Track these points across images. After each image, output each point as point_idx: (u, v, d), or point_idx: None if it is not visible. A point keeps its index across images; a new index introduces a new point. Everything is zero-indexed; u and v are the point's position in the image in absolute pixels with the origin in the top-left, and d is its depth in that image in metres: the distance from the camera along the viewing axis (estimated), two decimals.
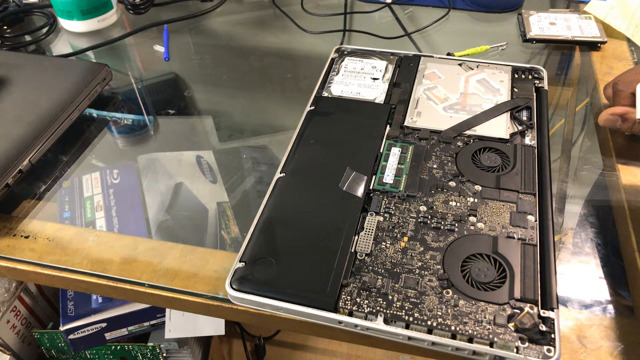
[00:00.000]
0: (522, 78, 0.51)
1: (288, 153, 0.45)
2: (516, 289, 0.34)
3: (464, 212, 0.39)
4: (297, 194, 0.41)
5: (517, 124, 0.47)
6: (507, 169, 0.43)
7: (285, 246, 0.38)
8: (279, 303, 0.35)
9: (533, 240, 0.37)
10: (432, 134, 0.46)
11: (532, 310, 0.33)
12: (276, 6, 0.72)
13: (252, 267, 0.37)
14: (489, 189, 0.41)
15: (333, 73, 0.53)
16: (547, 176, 0.42)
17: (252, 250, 0.38)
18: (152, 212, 0.46)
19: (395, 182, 0.42)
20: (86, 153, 0.52)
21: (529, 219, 0.39)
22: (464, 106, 0.48)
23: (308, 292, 0.35)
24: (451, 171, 0.43)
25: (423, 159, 0.44)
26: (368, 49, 0.56)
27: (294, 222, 0.39)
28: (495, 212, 0.39)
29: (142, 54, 0.66)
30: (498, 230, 0.38)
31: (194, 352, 0.81)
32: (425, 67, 0.54)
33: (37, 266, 0.42)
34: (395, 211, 0.40)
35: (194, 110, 0.57)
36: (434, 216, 0.39)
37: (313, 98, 0.51)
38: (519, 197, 0.40)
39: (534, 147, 0.44)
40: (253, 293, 0.35)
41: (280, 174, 0.43)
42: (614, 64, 0.58)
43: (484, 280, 0.35)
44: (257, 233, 0.39)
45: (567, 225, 0.43)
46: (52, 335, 0.78)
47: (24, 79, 0.54)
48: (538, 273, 0.35)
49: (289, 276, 0.36)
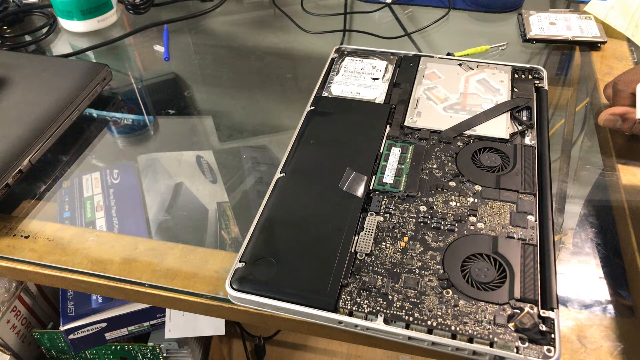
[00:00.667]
0: (522, 78, 0.51)
1: (288, 153, 0.45)
2: (516, 289, 0.34)
3: (464, 212, 0.39)
4: (297, 194, 0.41)
5: (517, 124, 0.47)
6: (507, 169, 0.43)
7: (285, 246, 0.38)
8: (279, 303, 0.35)
9: (533, 240, 0.37)
10: (432, 134, 0.46)
11: (532, 310, 0.33)
12: (276, 6, 0.72)
13: (252, 267, 0.37)
14: (489, 189, 0.41)
15: (333, 73, 0.53)
16: (547, 176, 0.42)
17: (252, 250, 0.38)
18: (152, 212, 0.46)
19: (395, 182, 0.42)
20: (86, 153, 0.52)
21: (529, 219, 0.39)
22: (464, 106, 0.48)
23: (308, 292, 0.35)
24: (451, 171, 0.43)
25: (423, 159, 0.44)
26: (368, 49, 0.56)
27: (294, 222, 0.39)
28: (495, 212, 0.39)
29: (142, 54, 0.66)
30: (498, 230, 0.38)
31: (194, 352, 0.81)
32: (425, 67, 0.54)
33: (37, 266, 0.42)
34: (395, 211, 0.40)
35: (194, 110, 0.57)
36: (434, 216, 0.39)
37: (313, 98, 0.51)
38: (519, 197, 0.40)
39: (534, 147, 0.44)
40: (253, 293, 0.35)
41: (280, 174, 0.43)
42: (614, 64, 0.58)
43: (484, 280, 0.35)
44: (257, 233, 0.39)
45: (567, 225, 0.43)
46: (52, 335, 0.78)
47: (24, 79, 0.54)
48: (538, 273, 0.35)
49: (289, 276, 0.36)
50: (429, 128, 0.47)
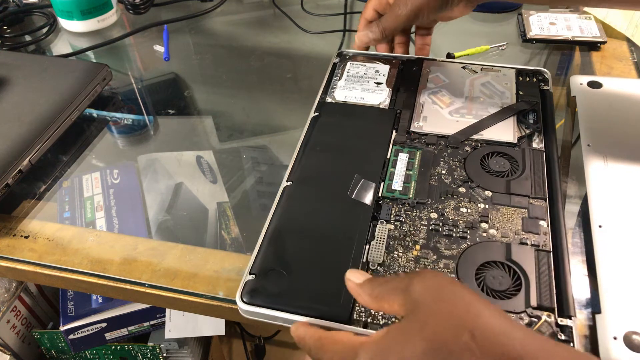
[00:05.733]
0: (527, 81, 0.51)
1: (294, 161, 0.44)
2: (532, 296, 0.34)
3: (476, 219, 0.39)
4: (304, 203, 0.40)
5: (524, 127, 0.46)
6: (517, 173, 0.42)
7: (295, 257, 0.37)
8: (291, 316, 0.34)
9: (547, 246, 0.36)
10: (439, 139, 0.45)
11: (549, 318, 0.33)
12: (276, 6, 0.72)
13: (263, 280, 0.35)
14: (500, 195, 0.40)
15: (336, 78, 0.52)
16: (556, 180, 0.41)
17: (262, 262, 0.36)
18: (152, 212, 0.46)
19: (404, 189, 0.41)
20: (86, 153, 0.52)
21: (541, 225, 0.38)
22: (470, 110, 0.48)
23: (321, 303, 0.34)
24: (460, 177, 0.42)
25: (431, 164, 0.43)
26: (370, 53, 0.55)
27: (303, 232, 0.38)
28: (507, 218, 0.39)
29: (142, 54, 0.66)
30: (511, 236, 0.37)
31: (194, 352, 0.81)
32: (429, 70, 0.53)
33: (37, 266, 0.42)
34: (405, 219, 0.39)
35: (194, 110, 0.57)
36: (445, 223, 0.39)
37: (317, 104, 0.50)
38: (530, 202, 0.39)
39: (542, 151, 0.43)
40: (265, 306, 0.34)
41: (286, 182, 0.42)
42: (614, 64, 0.58)
43: (499, 289, 0.34)
44: (265, 244, 0.38)
45: (567, 225, 0.43)
46: (52, 335, 0.78)
47: (24, 79, 0.54)
48: (553, 280, 0.35)
49: (301, 288, 0.35)
50: (435, 133, 0.46)
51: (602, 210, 0.39)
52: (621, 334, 0.32)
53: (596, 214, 0.39)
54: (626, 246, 0.37)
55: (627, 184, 0.41)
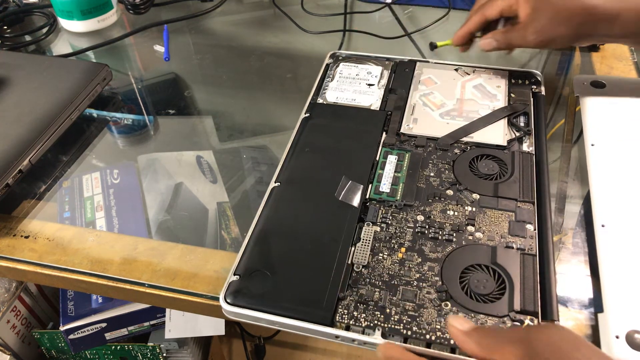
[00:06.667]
0: (519, 83, 0.51)
1: (282, 162, 0.44)
2: (516, 300, 0.34)
3: (462, 222, 0.39)
4: (292, 204, 0.41)
5: (514, 130, 0.46)
6: (505, 176, 0.42)
7: (280, 258, 0.37)
8: (274, 317, 0.34)
9: (532, 250, 0.37)
10: (429, 141, 0.45)
11: (532, 322, 0.33)
12: (276, 6, 0.72)
13: (247, 281, 0.36)
14: (487, 198, 0.40)
15: (328, 79, 0.52)
16: (545, 184, 0.41)
17: (247, 263, 0.37)
18: (152, 212, 0.46)
19: (392, 191, 0.41)
20: (86, 153, 0.52)
21: (527, 228, 0.38)
22: (461, 112, 0.48)
23: (304, 305, 0.34)
24: (448, 179, 0.42)
25: (420, 166, 0.43)
26: (363, 54, 0.55)
27: (289, 233, 0.39)
28: (494, 221, 0.39)
29: (142, 54, 0.66)
30: (497, 240, 0.37)
31: (194, 352, 0.81)
32: (421, 72, 0.53)
33: (37, 266, 0.42)
34: (392, 221, 0.39)
35: (194, 110, 0.57)
36: (431, 226, 0.39)
37: (308, 105, 0.50)
38: (518, 205, 0.39)
39: (531, 154, 0.43)
40: (248, 307, 0.35)
41: (274, 183, 0.42)
42: (614, 64, 0.58)
43: (483, 292, 0.34)
44: (251, 245, 0.38)
45: (567, 225, 0.43)
46: (52, 335, 0.78)
47: (24, 79, 0.54)
48: (538, 284, 0.35)
49: (285, 289, 0.35)
50: (425, 135, 0.46)
51: (605, 209, 0.39)
52: (623, 333, 0.33)
53: (599, 213, 0.39)
54: (629, 246, 0.37)
55: (630, 184, 0.40)
